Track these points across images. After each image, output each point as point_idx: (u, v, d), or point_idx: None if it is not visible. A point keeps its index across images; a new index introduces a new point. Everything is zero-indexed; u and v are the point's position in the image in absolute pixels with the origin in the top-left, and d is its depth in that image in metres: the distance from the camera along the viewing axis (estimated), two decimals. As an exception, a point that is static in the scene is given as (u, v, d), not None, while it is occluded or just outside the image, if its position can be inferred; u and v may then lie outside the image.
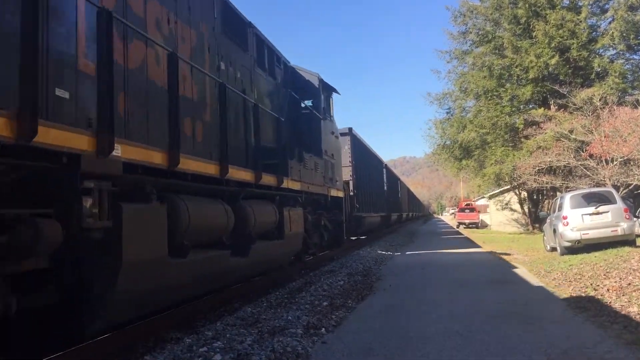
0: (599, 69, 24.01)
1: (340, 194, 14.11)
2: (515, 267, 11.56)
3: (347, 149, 17.63)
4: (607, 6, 25.22)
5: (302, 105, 11.77)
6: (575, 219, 12.96)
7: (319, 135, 11.94)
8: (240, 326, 5.86)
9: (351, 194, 17.03)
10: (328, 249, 14.39)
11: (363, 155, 20.93)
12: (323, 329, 5.83)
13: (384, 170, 28.97)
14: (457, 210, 50.69)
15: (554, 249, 14.22)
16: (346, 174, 16.77)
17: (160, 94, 5.50)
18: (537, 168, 21.54)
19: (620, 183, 18.38)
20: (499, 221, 35.14)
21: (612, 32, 23.48)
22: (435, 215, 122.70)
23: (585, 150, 19.18)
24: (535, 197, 29.38)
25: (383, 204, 26.43)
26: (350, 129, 18.46)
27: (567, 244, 13.01)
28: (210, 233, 6.42)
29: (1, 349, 4.09)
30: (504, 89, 26.20)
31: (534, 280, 9.38)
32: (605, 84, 22.69)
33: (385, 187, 28.40)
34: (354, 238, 19.94)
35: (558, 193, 20.66)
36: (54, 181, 4.03)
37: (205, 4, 7.01)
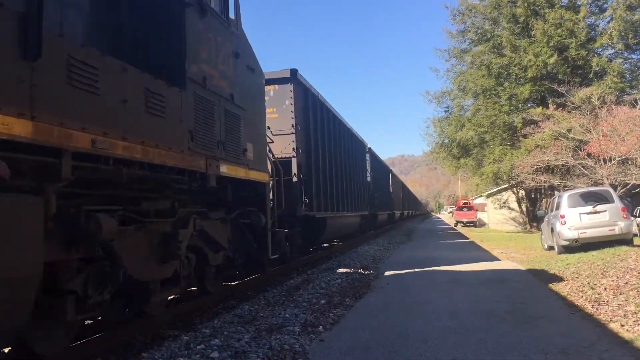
0: (598, 68, 24.04)
1: (260, 177, 7.80)
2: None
3: (288, 105, 11.08)
4: (605, 5, 25.29)
5: None
6: (573, 218, 12.99)
7: (177, 41, 5.69)
8: (237, 324, 5.86)
9: (294, 180, 10.86)
10: (239, 279, 8.77)
11: (322, 122, 13.52)
12: (321, 327, 5.83)
13: (368, 155, 22.62)
14: (455, 208, 50.77)
15: (551, 248, 14.24)
16: (283, 146, 10.89)
17: None
18: (535, 167, 21.56)
19: (618, 182, 18.40)
20: (496, 220, 35.23)
21: (611, 32, 23.51)
22: (434, 214, 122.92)
23: (584, 149, 19.20)
24: (533, 196, 29.43)
25: (365, 199, 20.27)
26: (293, 72, 11.28)
27: (565, 243, 13.04)
28: None
29: None
30: (502, 88, 26.23)
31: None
32: (603, 83, 22.72)
33: (370, 179, 22.38)
34: (325, 245, 15.27)
35: (556, 192, 20.69)
36: None
37: None
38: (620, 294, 6.96)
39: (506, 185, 30.39)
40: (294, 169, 10.93)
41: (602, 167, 18.57)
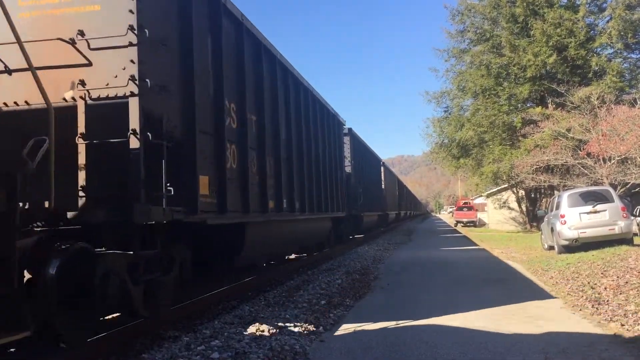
0: (597, 68, 24.06)
1: None
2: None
3: (125, 6, 4.73)
4: (604, 5, 25.33)
5: None
6: (573, 218, 12.99)
7: None
8: (238, 324, 5.86)
9: (134, 145, 4.64)
10: None
11: (239, 56, 7.21)
12: (321, 327, 5.83)
13: (348, 139, 17.77)
14: (455, 208, 50.80)
15: (551, 248, 14.25)
16: (111, 72, 4.76)
17: None
18: (535, 167, 21.57)
19: (618, 182, 18.42)
20: (496, 220, 35.25)
21: (610, 31, 23.54)
22: (433, 214, 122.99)
23: (583, 149, 19.21)
24: (533, 195, 29.44)
25: (341, 196, 14.66)
26: None
27: (565, 243, 13.04)
28: None
29: None
30: (501, 88, 26.25)
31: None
32: (602, 83, 22.74)
33: (350, 169, 17.95)
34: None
35: (556, 192, 20.69)
36: None
37: None
38: (621, 294, 6.96)
39: (506, 185, 30.39)
40: (133, 122, 4.74)
41: (602, 167, 18.57)
